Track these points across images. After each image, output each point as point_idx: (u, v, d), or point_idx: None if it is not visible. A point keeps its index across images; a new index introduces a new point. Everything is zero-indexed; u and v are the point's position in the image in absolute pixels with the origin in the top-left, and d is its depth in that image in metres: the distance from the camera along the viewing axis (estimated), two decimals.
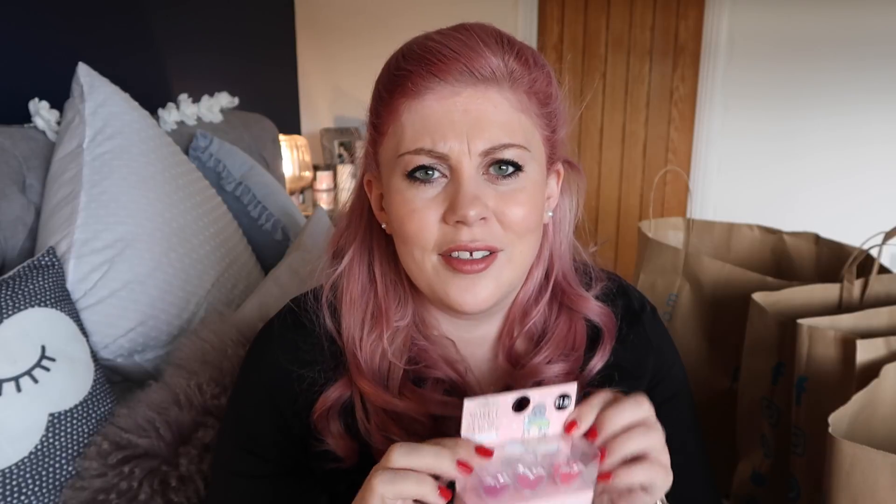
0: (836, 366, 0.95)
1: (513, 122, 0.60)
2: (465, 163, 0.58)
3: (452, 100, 0.58)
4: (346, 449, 0.64)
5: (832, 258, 1.31)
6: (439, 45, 0.58)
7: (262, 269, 1.49)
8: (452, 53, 0.57)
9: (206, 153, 1.55)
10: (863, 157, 2.67)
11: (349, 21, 3.06)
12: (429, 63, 0.58)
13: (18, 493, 0.87)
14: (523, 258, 0.64)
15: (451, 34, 0.59)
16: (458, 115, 0.58)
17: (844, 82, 2.63)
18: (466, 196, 0.58)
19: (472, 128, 0.58)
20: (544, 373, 0.67)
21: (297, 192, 2.54)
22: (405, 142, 0.60)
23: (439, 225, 0.60)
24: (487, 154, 0.59)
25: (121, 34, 1.80)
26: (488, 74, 0.58)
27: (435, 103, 0.58)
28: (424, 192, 0.60)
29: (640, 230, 1.43)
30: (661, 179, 2.94)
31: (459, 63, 0.57)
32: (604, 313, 0.71)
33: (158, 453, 0.89)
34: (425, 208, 0.60)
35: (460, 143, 0.58)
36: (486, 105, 0.59)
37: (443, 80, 0.58)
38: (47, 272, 1.03)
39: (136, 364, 1.15)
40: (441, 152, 0.58)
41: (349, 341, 0.66)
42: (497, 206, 0.60)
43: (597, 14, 2.90)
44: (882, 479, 0.70)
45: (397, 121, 0.61)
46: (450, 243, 0.60)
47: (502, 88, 0.59)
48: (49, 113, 1.27)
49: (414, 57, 0.59)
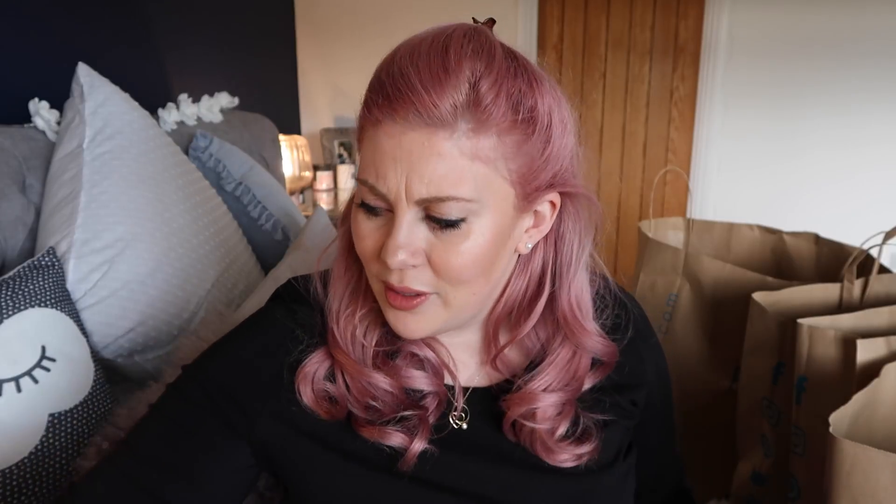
0: (836, 366, 0.95)
1: (461, 172, 0.55)
2: (401, 207, 0.56)
3: (399, 139, 0.55)
4: (328, 410, 0.64)
5: (832, 258, 1.31)
6: (400, 75, 0.55)
7: (262, 269, 1.49)
8: (406, 90, 0.54)
9: (205, 153, 1.55)
10: (863, 156, 2.67)
11: (349, 21, 3.06)
12: (385, 95, 0.55)
13: (18, 493, 0.87)
14: (460, 303, 0.61)
15: (419, 58, 0.55)
16: (400, 155, 0.55)
17: (844, 82, 2.63)
18: (392, 243, 0.56)
19: (412, 172, 0.55)
20: (540, 401, 0.65)
21: (297, 192, 2.54)
22: (361, 168, 0.59)
23: (377, 258, 0.60)
24: (424, 204, 0.56)
25: (121, 34, 1.80)
26: (438, 118, 0.54)
27: (385, 138, 0.56)
28: (371, 221, 0.59)
29: (640, 230, 1.44)
30: (661, 179, 2.94)
31: (411, 102, 0.54)
32: (608, 349, 0.69)
33: None
34: (369, 237, 0.60)
35: (398, 186, 0.56)
36: (431, 152, 0.54)
37: (394, 116, 0.55)
38: (47, 272, 1.03)
39: (136, 364, 1.15)
40: (380, 191, 0.57)
41: (329, 313, 0.66)
42: (432, 253, 0.58)
43: (597, 14, 2.90)
44: (882, 478, 0.70)
45: (362, 140, 0.60)
46: (381, 277, 0.60)
47: (454, 133, 0.54)
48: (49, 113, 1.27)
49: (378, 83, 0.57)
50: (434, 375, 0.66)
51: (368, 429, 0.63)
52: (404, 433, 0.63)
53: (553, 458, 0.66)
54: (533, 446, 0.66)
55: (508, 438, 0.67)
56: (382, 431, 0.63)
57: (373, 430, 0.63)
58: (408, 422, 0.64)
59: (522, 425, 0.66)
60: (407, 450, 0.63)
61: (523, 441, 0.66)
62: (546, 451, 0.66)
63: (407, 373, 0.65)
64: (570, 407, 0.67)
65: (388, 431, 0.63)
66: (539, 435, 0.66)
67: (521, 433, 0.66)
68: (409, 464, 0.63)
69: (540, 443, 0.66)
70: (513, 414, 0.65)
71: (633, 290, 1.40)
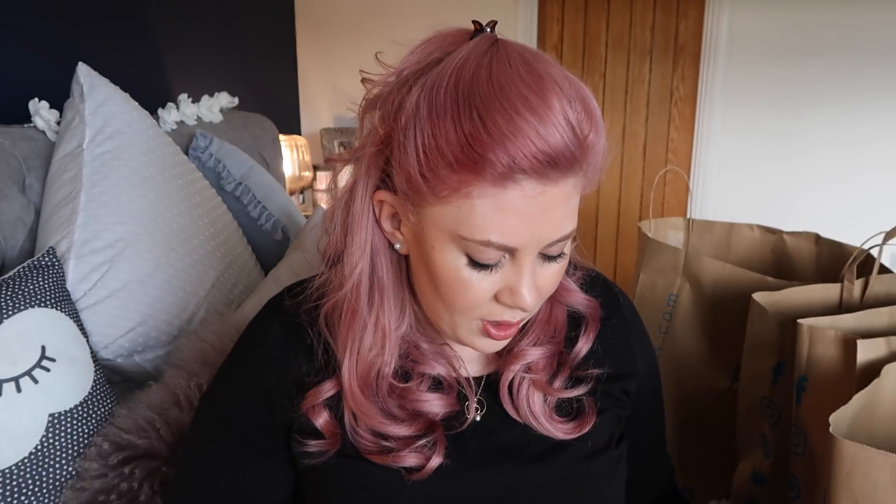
0: (836, 366, 0.95)
1: (574, 207, 0.57)
2: (530, 253, 0.57)
3: (537, 200, 0.53)
4: (331, 434, 0.65)
5: (832, 258, 1.31)
6: (543, 134, 0.50)
7: (262, 270, 1.49)
8: (554, 154, 0.51)
9: (206, 153, 1.55)
10: (863, 156, 2.67)
11: (349, 21, 3.06)
12: (526, 161, 0.50)
13: (18, 493, 0.87)
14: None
15: (554, 114, 0.50)
16: (537, 213, 0.53)
17: (845, 82, 2.63)
18: (525, 287, 0.57)
19: (547, 225, 0.55)
20: (530, 355, 0.68)
21: (297, 192, 2.54)
22: (474, 229, 0.54)
23: (490, 300, 0.59)
24: (549, 246, 0.57)
25: (121, 34, 1.80)
26: (575, 166, 0.53)
27: (518, 200, 0.52)
28: (481, 274, 0.57)
29: (640, 230, 1.43)
30: (661, 179, 2.94)
31: (559, 165, 0.52)
32: (589, 304, 0.73)
33: (159, 454, 0.89)
34: (480, 287, 0.58)
35: (531, 238, 0.55)
36: (566, 201, 0.55)
37: (533, 176, 0.52)
38: (47, 272, 1.03)
39: (136, 364, 1.15)
40: (511, 247, 0.55)
41: (344, 357, 0.64)
42: (540, 282, 0.59)
43: (597, 14, 2.90)
44: (882, 478, 0.70)
45: (465, 198, 0.53)
46: (496, 316, 0.60)
47: (578, 175, 0.54)
48: (49, 113, 1.27)
49: (501, 137, 0.50)
50: (448, 395, 0.67)
51: (380, 456, 0.64)
52: (418, 453, 0.64)
53: (553, 426, 0.68)
54: (533, 414, 0.68)
55: (510, 417, 0.68)
56: (396, 456, 0.63)
57: (385, 457, 0.64)
58: (422, 444, 0.64)
59: (518, 391, 0.68)
60: (423, 467, 0.63)
61: (522, 414, 0.68)
62: (547, 420, 0.68)
63: (421, 396, 0.65)
64: (562, 364, 0.70)
65: (401, 455, 0.63)
66: (537, 399, 0.68)
67: (518, 403, 0.68)
68: (424, 476, 0.63)
69: (540, 409, 0.68)
70: (509, 374, 0.68)
71: (633, 290, 1.40)
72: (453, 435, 0.66)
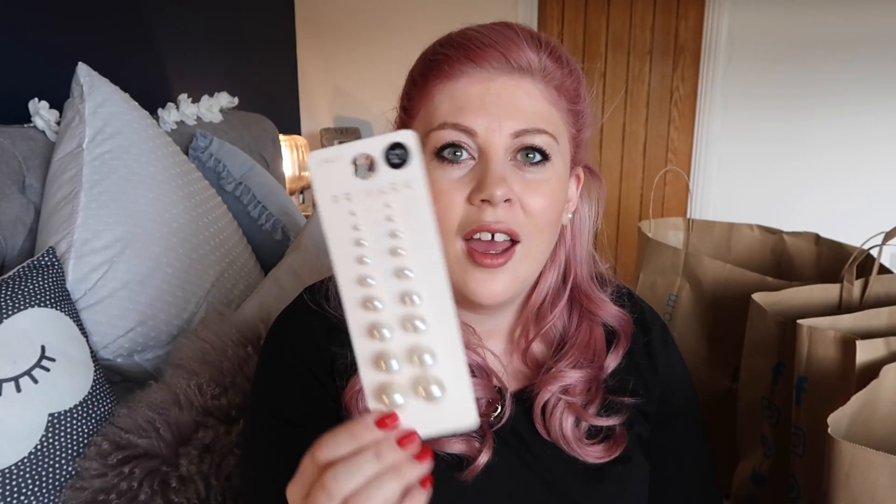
0: (835, 366, 0.95)
1: (545, 112, 0.61)
2: (495, 142, 0.59)
3: (486, 84, 0.59)
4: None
5: (832, 258, 1.31)
6: (478, 33, 0.60)
7: (262, 270, 1.49)
8: (490, 41, 0.59)
9: (205, 153, 1.55)
10: (863, 157, 2.67)
11: (349, 21, 3.06)
12: (466, 48, 0.59)
13: (18, 493, 0.87)
14: (539, 252, 0.64)
15: (490, 26, 0.61)
16: (490, 98, 0.59)
17: (844, 82, 2.63)
18: (494, 175, 0.58)
19: (504, 110, 0.59)
20: (569, 377, 0.67)
21: (297, 192, 2.54)
22: (435, 119, 0.61)
23: (464, 206, 0.60)
24: (518, 136, 0.60)
25: (121, 34, 1.80)
26: (524, 65, 0.60)
27: (469, 86, 0.60)
28: (451, 172, 0.60)
29: (640, 230, 1.43)
30: (661, 179, 2.94)
31: (496, 51, 0.59)
32: (622, 317, 0.72)
33: (158, 454, 0.89)
34: (451, 189, 0.60)
35: (490, 122, 0.59)
36: (519, 92, 0.60)
37: (478, 65, 0.59)
38: (47, 272, 1.03)
39: (136, 364, 1.15)
40: (467, 126, 0.59)
41: None
42: (521, 193, 0.60)
43: (597, 14, 2.90)
44: (881, 479, 0.70)
45: (430, 102, 0.62)
46: (473, 224, 0.59)
47: (535, 80, 0.61)
48: (49, 113, 1.27)
49: (451, 43, 0.61)
50: (486, 381, 0.66)
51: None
52: (464, 440, 0.63)
53: (581, 449, 0.66)
54: (564, 438, 0.66)
55: (539, 435, 0.67)
56: (441, 442, 0.63)
57: (431, 441, 0.63)
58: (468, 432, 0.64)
59: (552, 413, 0.67)
60: (472, 457, 0.62)
61: (553, 435, 0.67)
62: (576, 443, 0.66)
63: None
64: (597, 388, 0.69)
65: (448, 441, 0.63)
66: (569, 423, 0.66)
67: (550, 424, 0.67)
68: (474, 473, 0.62)
69: (571, 432, 0.66)
70: (545, 394, 0.67)
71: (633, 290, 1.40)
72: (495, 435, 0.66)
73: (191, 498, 0.87)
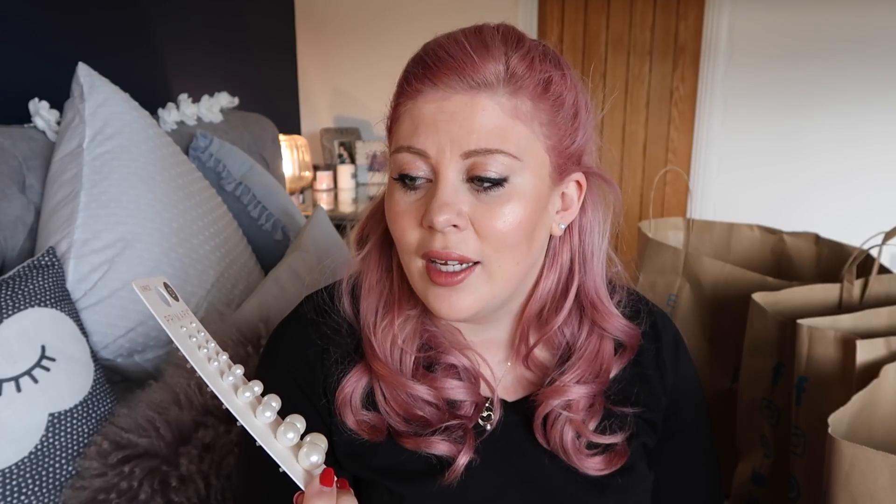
0: (836, 366, 0.95)
1: (504, 129, 0.58)
2: (444, 164, 0.58)
3: (440, 103, 0.58)
4: (370, 432, 0.65)
5: (832, 258, 1.31)
6: (440, 49, 0.59)
7: (262, 269, 1.49)
8: (448, 58, 0.58)
9: (206, 153, 1.55)
10: (863, 157, 2.67)
11: (349, 21, 3.06)
12: (425, 66, 0.59)
13: (18, 493, 0.87)
14: (504, 274, 0.61)
15: (457, 37, 0.59)
16: (442, 118, 0.57)
17: (845, 82, 2.63)
18: (437, 201, 0.57)
19: (457, 130, 0.57)
20: (573, 393, 0.66)
21: (297, 192, 2.54)
22: (397, 140, 0.61)
23: (418, 229, 0.60)
24: (468, 156, 0.57)
25: (121, 34, 1.80)
26: (480, 81, 0.57)
27: (424, 105, 0.58)
28: (408, 196, 0.60)
29: (640, 230, 1.44)
30: (661, 179, 2.94)
31: (451, 69, 0.57)
32: (630, 332, 0.71)
33: (158, 453, 0.89)
34: (407, 212, 0.60)
35: (441, 143, 0.57)
36: (475, 109, 0.57)
37: (435, 83, 0.58)
38: (47, 272, 1.03)
39: (136, 364, 1.15)
40: (419, 148, 0.58)
41: (365, 326, 0.67)
42: (475, 216, 0.58)
43: (597, 14, 2.90)
44: (881, 479, 0.70)
45: (397, 121, 0.62)
46: (425, 248, 0.60)
47: (496, 94, 0.58)
48: (49, 113, 1.27)
49: (416, 59, 0.61)
50: (472, 384, 0.66)
51: (412, 440, 0.63)
52: (449, 442, 0.63)
53: (581, 461, 0.66)
54: (564, 449, 0.66)
55: (540, 445, 0.67)
56: (427, 441, 0.63)
57: (417, 440, 0.63)
58: (451, 432, 0.64)
59: (553, 425, 0.66)
60: (454, 459, 0.63)
61: (553, 445, 0.66)
62: (575, 455, 0.66)
63: (446, 384, 0.65)
64: (600, 403, 0.68)
65: (432, 441, 0.63)
66: (570, 436, 0.66)
67: (551, 435, 0.66)
68: (456, 474, 0.62)
69: (571, 444, 0.66)
70: (546, 407, 0.66)
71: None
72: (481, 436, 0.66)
73: (191, 497, 0.88)
